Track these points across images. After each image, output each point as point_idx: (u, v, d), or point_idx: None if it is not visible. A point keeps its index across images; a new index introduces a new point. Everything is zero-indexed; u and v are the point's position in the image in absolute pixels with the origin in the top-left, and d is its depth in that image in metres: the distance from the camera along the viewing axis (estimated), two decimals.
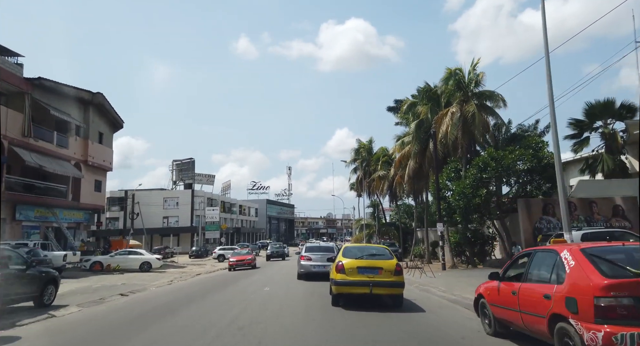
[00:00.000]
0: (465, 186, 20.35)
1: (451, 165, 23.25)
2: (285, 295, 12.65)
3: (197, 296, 12.86)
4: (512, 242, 21.04)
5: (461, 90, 22.62)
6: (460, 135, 22.23)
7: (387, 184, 39.36)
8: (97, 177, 33.77)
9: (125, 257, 25.87)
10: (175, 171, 67.52)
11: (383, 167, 39.84)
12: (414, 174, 30.75)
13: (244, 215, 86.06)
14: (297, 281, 16.75)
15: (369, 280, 9.23)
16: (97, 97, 32.33)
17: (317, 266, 16.20)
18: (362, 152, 45.57)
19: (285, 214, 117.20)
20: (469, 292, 11.45)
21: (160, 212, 62.29)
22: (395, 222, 43.22)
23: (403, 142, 32.34)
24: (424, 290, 13.32)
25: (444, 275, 18.07)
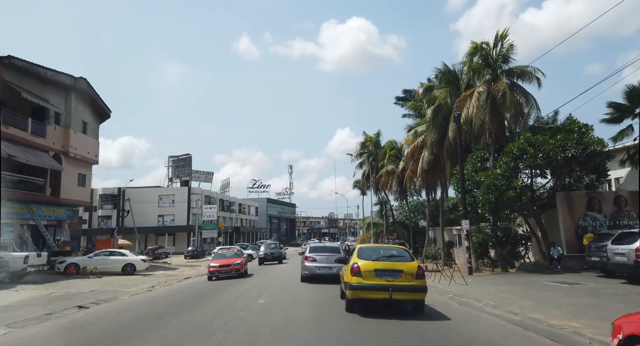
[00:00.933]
0: (497, 177, 17.37)
1: (476, 153, 20.27)
2: (285, 310, 9.69)
3: (171, 312, 9.91)
4: (551, 243, 18.06)
5: (488, 67, 19.63)
6: (487, 118, 19.26)
7: (397, 180, 36.40)
8: (80, 170, 30.84)
9: (105, 259, 22.95)
10: (171, 168, 64.60)
11: (391, 161, 36.87)
12: (428, 167, 27.78)
13: (243, 214, 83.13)
14: (299, 288, 14.18)
15: (388, 284, 8.40)
16: (80, 82, 29.39)
17: (323, 268, 15.11)
18: (368, 146, 42.58)
19: (286, 213, 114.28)
20: (533, 309, 8.49)
21: (156, 210, 59.44)
22: (405, 221, 40.29)
23: (416, 132, 29.36)
24: (464, 303, 10.35)
25: (476, 281, 15.09)
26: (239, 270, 18.91)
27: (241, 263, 19.23)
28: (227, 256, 20.38)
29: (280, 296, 12.18)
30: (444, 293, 12.31)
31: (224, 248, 40.77)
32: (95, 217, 58.08)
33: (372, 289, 8.44)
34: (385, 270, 8.60)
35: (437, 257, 33.15)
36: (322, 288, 13.96)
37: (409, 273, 8.54)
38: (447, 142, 23.61)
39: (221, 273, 18.68)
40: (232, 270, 18.66)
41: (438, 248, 33.57)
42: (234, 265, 18.88)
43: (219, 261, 19.32)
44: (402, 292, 8.43)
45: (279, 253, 32.37)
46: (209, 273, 18.83)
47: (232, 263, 19.04)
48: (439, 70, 24.27)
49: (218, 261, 19.36)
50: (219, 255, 20.83)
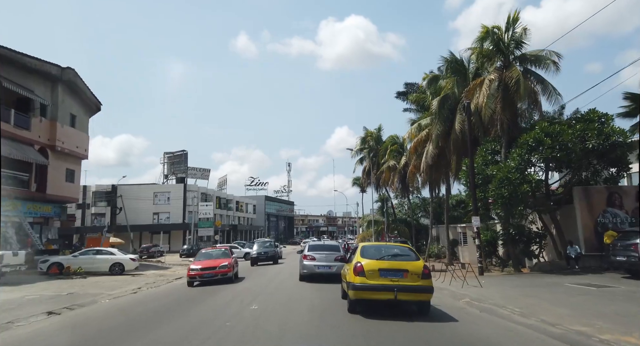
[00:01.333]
0: (510, 170, 16.09)
1: (487, 145, 18.99)
2: (281, 317, 8.41)
3: (148, 322, 8.62)
4: (568, 241, 16.81)
5: (500, 53, 18.31)
6: (499, 108, 17.96)
7: (398, 176, 35.09)
8: (68, 165, 29.48)
9: (91, 258, 21.62)
10: (166, 164, 63.18)
11: (393, 157, 35.57)
12: (432, 162, 26.47)
13: (241, 212, 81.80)
14: (297, 290, 13.01)
15: (393, 284, 8.06)
16: (67, 72, 28.00)
17: (322, 267, 14.78)
18: (369, 141, 41.24)
19: (285, 211, 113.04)
20: (572, 320, 7.21)
21: (151, 207, 58.09)
22: (406, 218, 39.02)
23: (420, 125, 28.05)
24: (486, 310, 9.07)
25: (490, 282, 13.82)
26: (226, 274, 15.62)
27: (229, 265, 15.87)
28: (213, 256, 17.16)
29: (275, 300, 10.89)
30: (458, 297, 11.04)
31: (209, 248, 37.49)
32: (89, 214, 56.65)
33: (377, 289, 8.09)
34: (390, 269, 8.24)
35: (440, 255, 31.93)
36: (321, 289, 12.99)
37: (415, 273, 8.18)
38: (454, 134, 22.34)
39: (204, 277, 15.42)
40: (218, 274, 15.46)
41: (442, 246, 32.35)
42: (220, 268, 15.60)
43: (202, 263, 16.05)
44: (408, 293, 8.07)
45: (274, 253, 28.83)
46: (188, 278, 15.52)
47: (218, 265, 15.73)
48: (444, 59, 22.96)
49: (200, 263, 16.07)
50: (203, 255, 17.48)
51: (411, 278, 8.11)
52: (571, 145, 15.40)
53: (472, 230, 27.58)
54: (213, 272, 15.51)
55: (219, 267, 15.63)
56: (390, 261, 8.52)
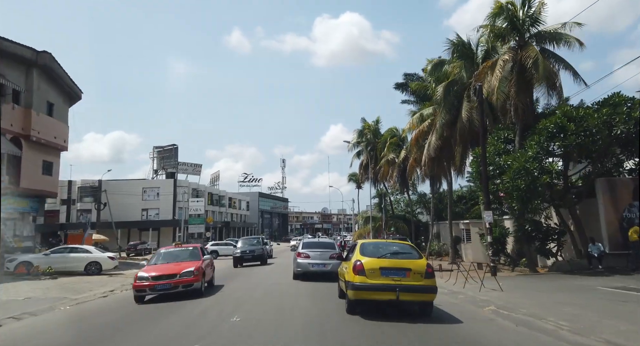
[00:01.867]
0: (528, 159, 14.44)
1: (499, 133, 17.33)
2: (270, 333, 6.65)
3: (105, 339, 6.84)
4: (589, 238, 15.21)
5: (515, 31, 16.61)
6: (513, 92, 16.29)
7: (398, 170, 33.44)
8: (46, 156, 27.45)
9: (64, 256, 19.73)
10: (156, 159, 61.04)
11: (392, 150, 33.89)
12: (435, 154, 24.83)
13: (234, 209, 79.84)
14: (291, 290, 11.61)
15: (395, 283, 7.65)
16: (43, 57, 25.93)
17: (316, 265, 14.39)
18: (367, 134, 39.49)
19: (279, 208, 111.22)
20: (634, 336, 5.50)
21: (139, 203, 56.02)
22: (405, 215, 37.44)
23: (422, 115, 26.38)
24: (522, 322, 7.35)
25: (509, 284, 12.13)
26: (191, 284, 10.96)
27: (195, 271, 11.11)
28: (175, 258, 12.22)
29: (262, 309, 9.13)
30: (479, 303, 9.36)
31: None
32: (74, 210, 54.52)
33: (378, 289, 7.66)
34: (392, 268, 7.80)
35: (442, 253, 30.38)
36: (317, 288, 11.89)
37: (418, 272, 7.75)
38: (460, 123, 20.66)
39: (157, 289, 10.86)
40: (178, 284, 10.88)
41: (443, 244, 30.79)
42: (182, 275, 10.91)
43: (156, 269, 11.42)
44: (411, 293, 7.65)
45: (262, 251, 24.31)
46: (135, 291, 10.83)
47: (179, 271, 11.01)
48: (451, 43, 21.21)
49: (154, 269, 11.43)
50: (162, 257, 12.52)
51: (414, 277, 7.68)
52: (597, 131, 13.76)
53: (477, 227, 26.03)
54: (172, 282, 10.80)
55: (180, 275, 10.89)
56: (392, 259, 8.06)
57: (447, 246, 30.84)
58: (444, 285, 12.80)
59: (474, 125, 20.14)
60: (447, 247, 30.90)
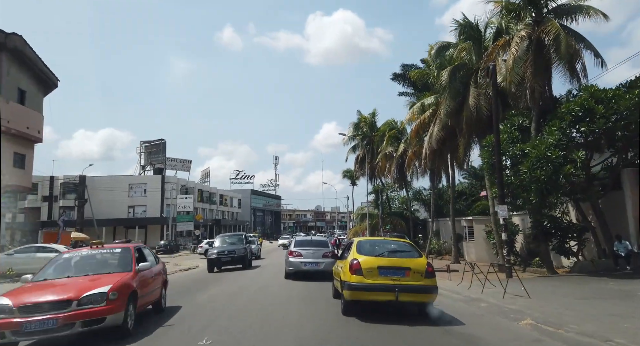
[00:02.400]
0: (549, 146, 12.80)
1: (513, 120, 15.69)
2: None
3: None
4: (615, 236, 13.63)
5: (532, 5, 14.92)
6: (529, 73, 14.64)
7: (396, 164, 31.79)
8: (17, 148, 25.35)
9: (30, 257, 17.76)
10: (144, 154, 58.82)
11: (390, 144, 32.22)
12: (437, 145, 23.22)
13: (225, 206, 77.82)
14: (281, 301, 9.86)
15: (394, 283, 7.21)
16: (13, 39, 23.79)
17: (309, 264, 13.97)
18: (362, 127, 37.77)
19: (272, 206, 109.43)
20: None
21: (125, 200, 53.86)
22: (403, 211, 35.84)
23: (423, 105, 24.74)
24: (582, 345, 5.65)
25: (535, 289, 10.41)
26: (100, 319, 6.00)
27: (113, 292, 6.21)
28: (86, 269, 7.33)
29: (244, 323, 7.36)
30: (509, 314, 7.65)
31: (82, 248, 9.76)
32: (57, 207, 52.21)
33: (376, 290, 7.37)
34: (391, 267, 7.52)
35: (442, 252, 28.82)
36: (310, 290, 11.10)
37: (418, 271, 7.47)
38: (467, 111, 18.99)
39: (26, 331, 5.71)
40: (73, 321, 5.83)
41: (444, 242, 29.23)
42: (83, 303, 5.97)
43: (33, 292, 6.24)
44: (410, 293, 7.35)
45: (243, 252, 19.15)
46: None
47: (77, 296, 5.99)
48: (457, 23, 19.57)
49: (30, 293, 6.23)
50: (60, 265, 7.50)
51: (414, 277, 7.39)
52: (628, 114, 12.15)
53: (482, 224, 24.49)
54: (59, 316, 5.80)
55: (79, 301, 5.97)
56: (391, 258, 7.77)
57: (447, 244, 29.30)
58: (457, 289, 11.15)
59: (481, 113, 18.50)
60: (447, 245, 29.37)
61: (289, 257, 14.31)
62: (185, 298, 10.55)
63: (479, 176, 37.08)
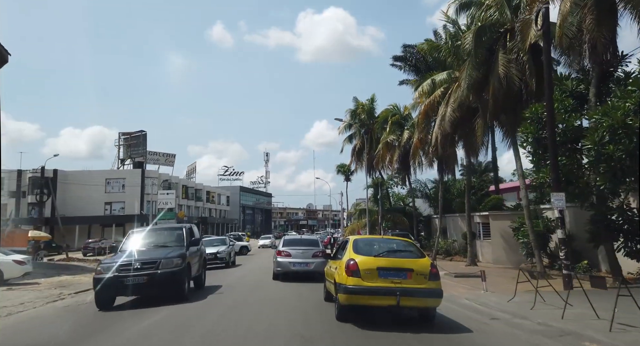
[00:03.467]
0: (627, 112, 9.42)
1: (565, 84, 12.30)
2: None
3: None
4: None
5: None
6: (591, 22, 11.25)
7: (398, 154, 28.39)
8: None
9: None
10: (123, 147, 54.67)
11: (392, 131, 28.80)
12: (451, 129, 19.88)
13: (212, 204, 73.88)
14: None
15: (395, 286, 6.63)
16: None
17: (298, 264, 13.34)
18: (360, 114, 34.26)
19: (262, 204, 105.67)
20: None
21: (102, 196, 49.81)
22: (405, 207, 32.49)
23: (433, 81, 21.34)
24: None
25: (622, 311, 7.03)
26: None
27: None
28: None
29: None
30: None
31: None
32: (24, 204, 47.93)
33: (375, 293, 6.66)
34: (391, 268, 6.84)
35: (451, 251, 25.52)
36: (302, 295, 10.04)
37: (421, 273, 6.76)
38: (494, 82, 15.59)
39: None
40: None
41: (453, 240, 25.91)
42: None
43: None
44: (413, 297, 6.64)
45: (174, 267, 9.53)
46: None
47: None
48: None
49: None
50: None
51: (416, 279, 6.72)
52: None
53: (500, 220, 21.21)
54: None
55: None
56: (391, 258, 7.14)
57: (456, 243, 26.01)
58: (506, 307, 7.74)
59: (512, 85, 15.15)
60: (456, 245, 26.09)
61: (277, 257, 13.73)
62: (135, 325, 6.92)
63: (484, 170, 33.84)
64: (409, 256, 7.30)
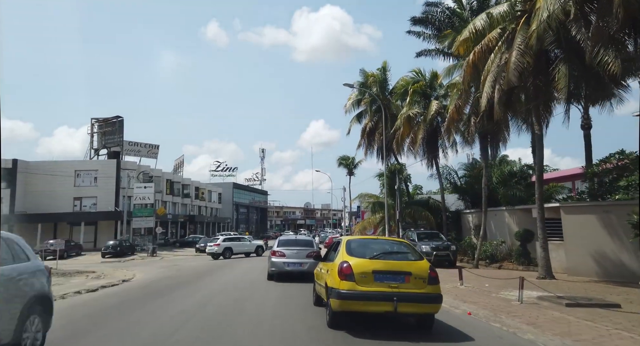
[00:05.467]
0: None
1: None
2: None
3: None
4: None
5: None
6: None
7: (424, 130, 22.17)
8: None
9: None
10: (97, 135, 48.19)
11: (415, 102, 22.62)
12: (519, 81, 13.83)
13: (202, 201, 67.52)
14: None
15: (392, 291, 6.23)
16: None
17: (292, 264, 13.56)
18: (370, 86, 27.95)
19: (257, 202, 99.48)
20: None
21: (70, 190, 43.43)
22: (429, 199, 26.33)
23: (489, 16, 15.09)
24: None
25: None
26: None
27: None
28: None
29: None
30: None
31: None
32: None
33: (371, 298, 6.25)
34: (388, 271, 6.41)
35: (496, 256, 19.42)
36: None
37: (419, 277, 6.38)
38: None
39: None
40: None
41: (501, 241, 19.73)
42: None
43: None
44: (411, 303, 6.27)
45: None
46: None
47: None
48: None
49: None
50: None
51: (415, 283, 6.34)
52: None
53: (583, 213, 15.11)
54: None
55: None
56: (387, 260, 6.65)
57: (504, 245, 19.93)
58: None
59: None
60: (504, 247, 20.00)
61: (272, 257, 14.05)
62: None
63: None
64: (405, 258, 6.87)
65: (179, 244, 49.13)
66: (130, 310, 8.71)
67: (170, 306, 9.13)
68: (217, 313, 8.26)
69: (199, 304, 9.37)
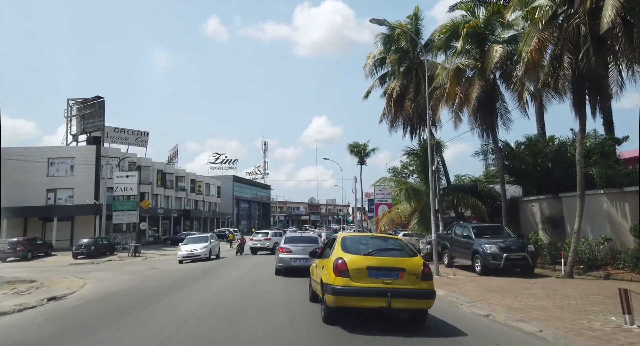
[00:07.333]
0: None
1: None
2: None
3: None
4: None
5: None
6: None
7: (479, 89, 16.16)
8: None
9: None
10: (76, 118, 42.41)
11: (467, 51, 16.68)
12: None
13: (199, 194, 61.80)
14: None
15: (386, 287, 6.36)
16: None
17: (298, 260, 13.97)
18: (398, 41, 21.74)
19: (260, 197, 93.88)
20: None
21: (44, 181, 37.78)
22: (477, 184, 20.43)
23: None
24: None
25: None
26: None
27: None
28: None
29: None
30: None
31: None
32: None
33: (365, 294, 6.40)
34: (382, 268, 6.55)
35: (596, 258, 13.56)
36: None
37: (413, 273, 6.51)
38: None
39: None
40: None
41: (604, 238, 13.77)
42: None
43: None
44: (405, 299, 6.40)
45: None
46: None
47: None
48: None
49: None
50: None
51: (409, 279, 6.46)
52: None
53: None
54: None
55: None
56: (381, 257, 6.79)
57: (607, 244, 14.04)
58: None
59: None
60: (605, 247, 14.15)
61: (279, 254, 14.62)
62: None
63: None
64: (399, 254, 6.99)
65: (170, 242, 43.50)
66: None
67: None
68: None
69: None
